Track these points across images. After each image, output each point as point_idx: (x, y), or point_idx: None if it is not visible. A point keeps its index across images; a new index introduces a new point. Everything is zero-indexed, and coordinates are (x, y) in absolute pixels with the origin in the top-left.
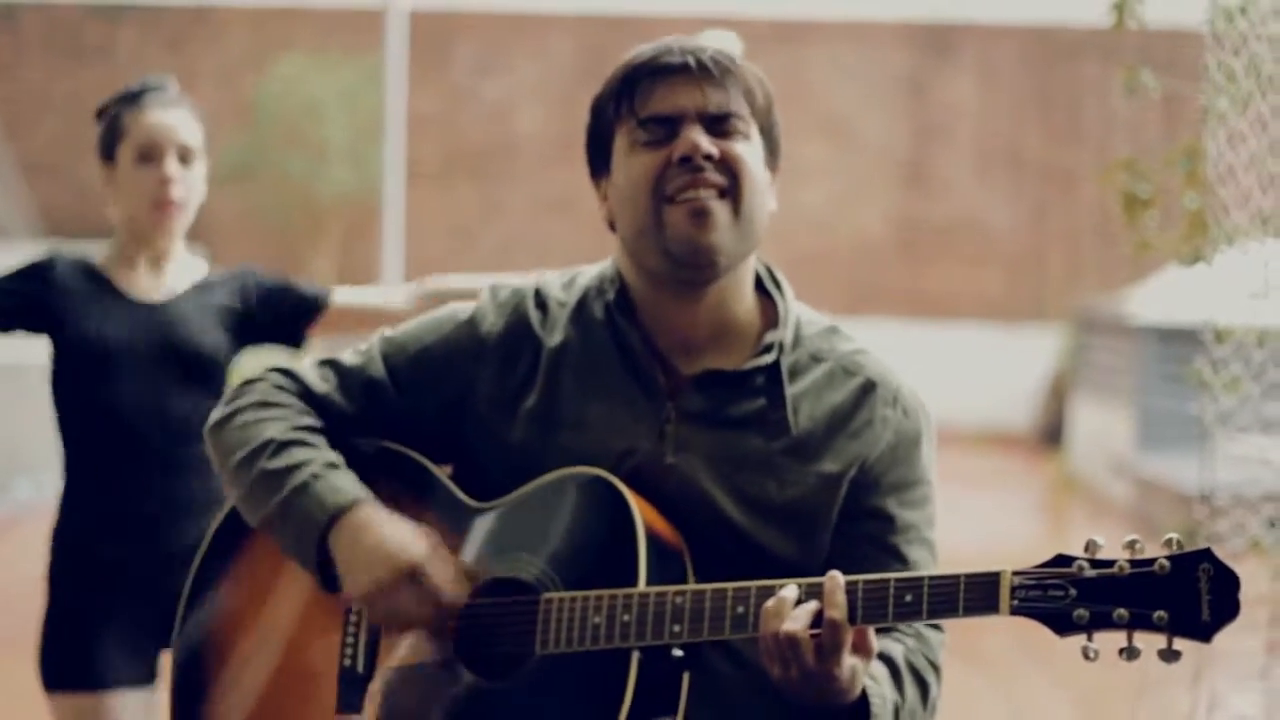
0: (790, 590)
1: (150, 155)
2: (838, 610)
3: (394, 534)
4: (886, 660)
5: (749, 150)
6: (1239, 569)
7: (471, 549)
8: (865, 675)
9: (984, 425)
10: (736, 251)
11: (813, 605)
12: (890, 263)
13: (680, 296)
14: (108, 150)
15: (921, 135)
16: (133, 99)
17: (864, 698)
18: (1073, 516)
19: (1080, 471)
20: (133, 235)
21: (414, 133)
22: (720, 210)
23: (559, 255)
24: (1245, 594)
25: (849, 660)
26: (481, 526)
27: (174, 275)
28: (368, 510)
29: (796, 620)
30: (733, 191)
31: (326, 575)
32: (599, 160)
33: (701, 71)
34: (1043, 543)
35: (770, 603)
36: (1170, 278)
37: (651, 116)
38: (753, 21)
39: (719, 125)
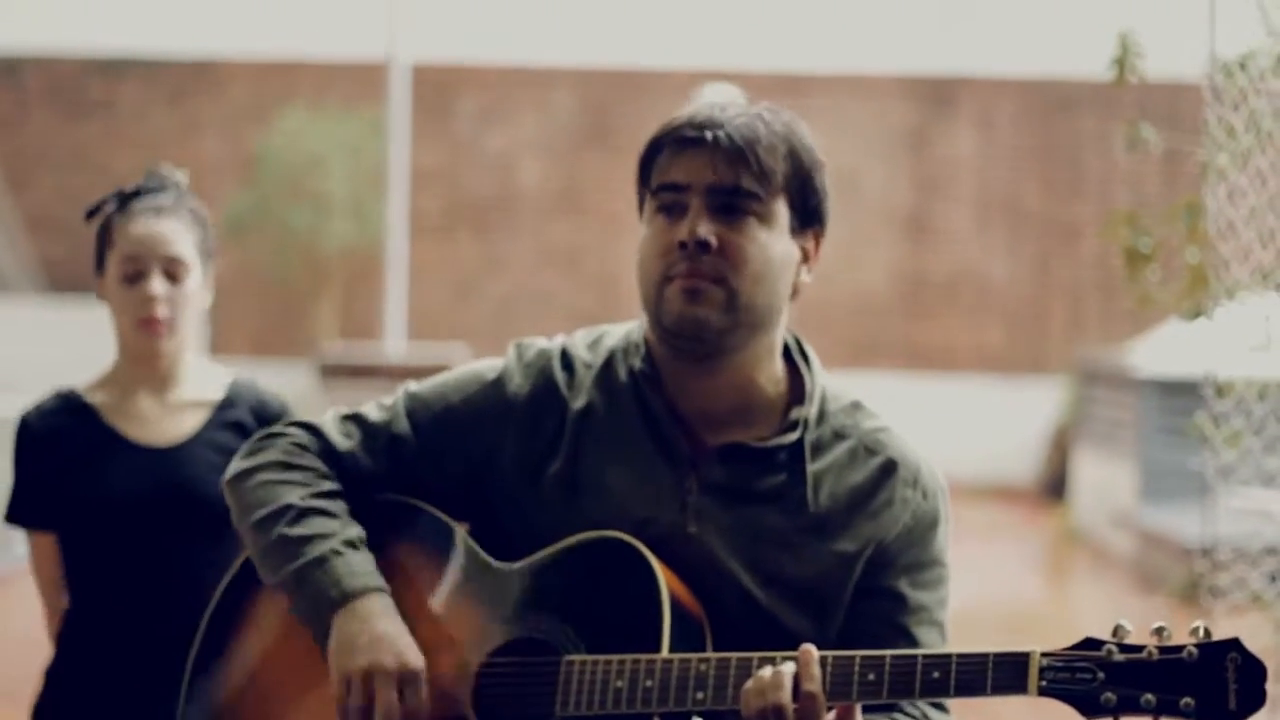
0: (785, 666)
1: (134, 272)
2: (812, 683)
3: (400, 633)
4: None
5: (760, 233)
6: (1240, 623)
7: (492, 608)
8: None
9: (986, 478)
10: (732, 332)
11: (790, 676)
12: (891, 315)
13: (697, 367)
14: (98, 259)
15: (922, 188)
16: (123, 202)
17: None
18: (1075, 569)
19: (1082, 524)
20: (125, 357)
21: (416, 186)
22: (714, 293)
23: (561, 308)
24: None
25: None
26: (503, 585)
27: (183, 401)
28: (383, 602)
29: (783, 690)
30: (728, 280)
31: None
32: (641, 210)
33: (715, 146)
34: (1046, 596)
35: (752, 681)
36: (1172, 331)
37: (662, 184)
38: (754, 75)
39: (727, 202)
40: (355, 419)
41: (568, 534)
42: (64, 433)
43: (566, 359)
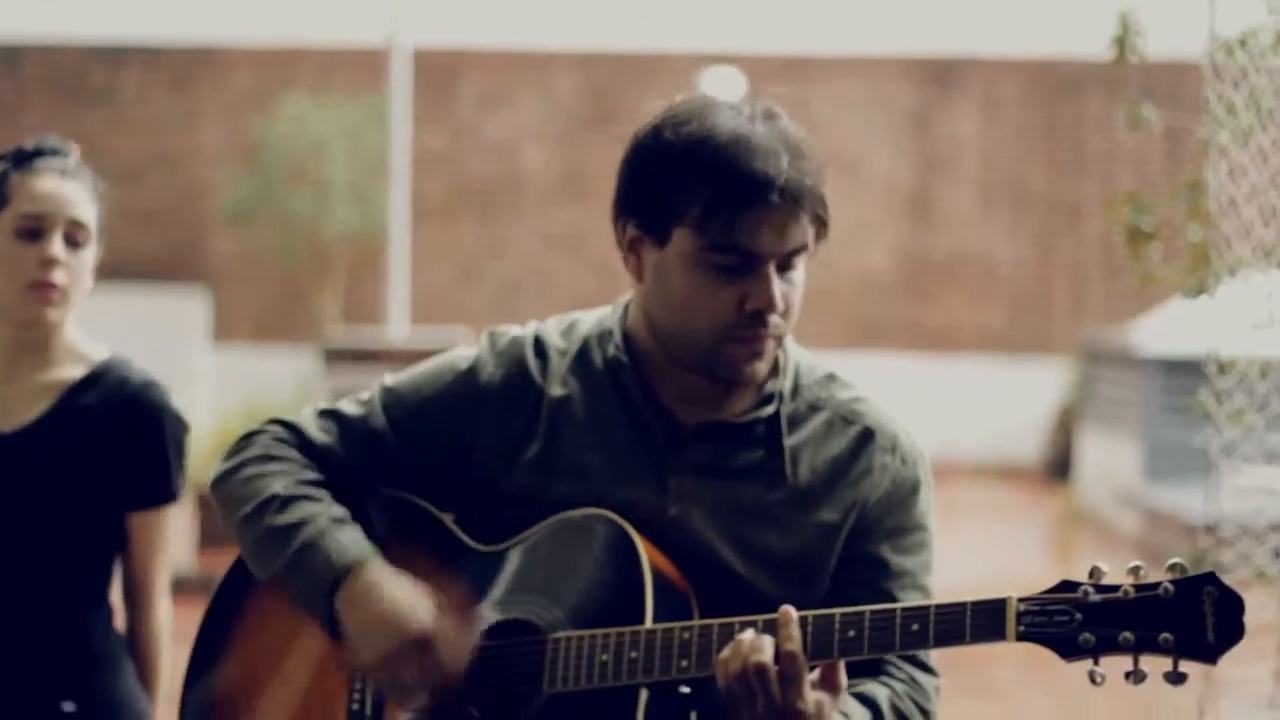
0: (749, 632)
1: (34, 229)
2: (792, 642)
3: (400, 599)
4: (869, 703)
5: (803, 271)
6: (1246, 599)
7: (478, 592)
8: (835, 712)
9: (990, 458)
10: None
11: (771, 638)
12: (895, 297)
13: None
14: None
15: (925, 169)
16: (24, 159)
17: None
18: (1081, 548)
19: (1087, 503)
20: (4, 322)
21: (418, 170)
22: (771, 348)
23: (564, 292)
24: (1251, 623)
25: (813, 695)
26: (487, 569)
27: (33, 382)
28: (374, 570)
29: (763, 652)
30: (784, 334)
31: (336, 630)
32: (647, 216)
33: (786, 204)
34: (1051, 575)
35: (726, 649)
36: (1174, 310)
37: (739, 248)
38: (757, 57)
39: (790, 260)
40: (332, 415)
41: (546, 519)
42: None
43: (540, 346)
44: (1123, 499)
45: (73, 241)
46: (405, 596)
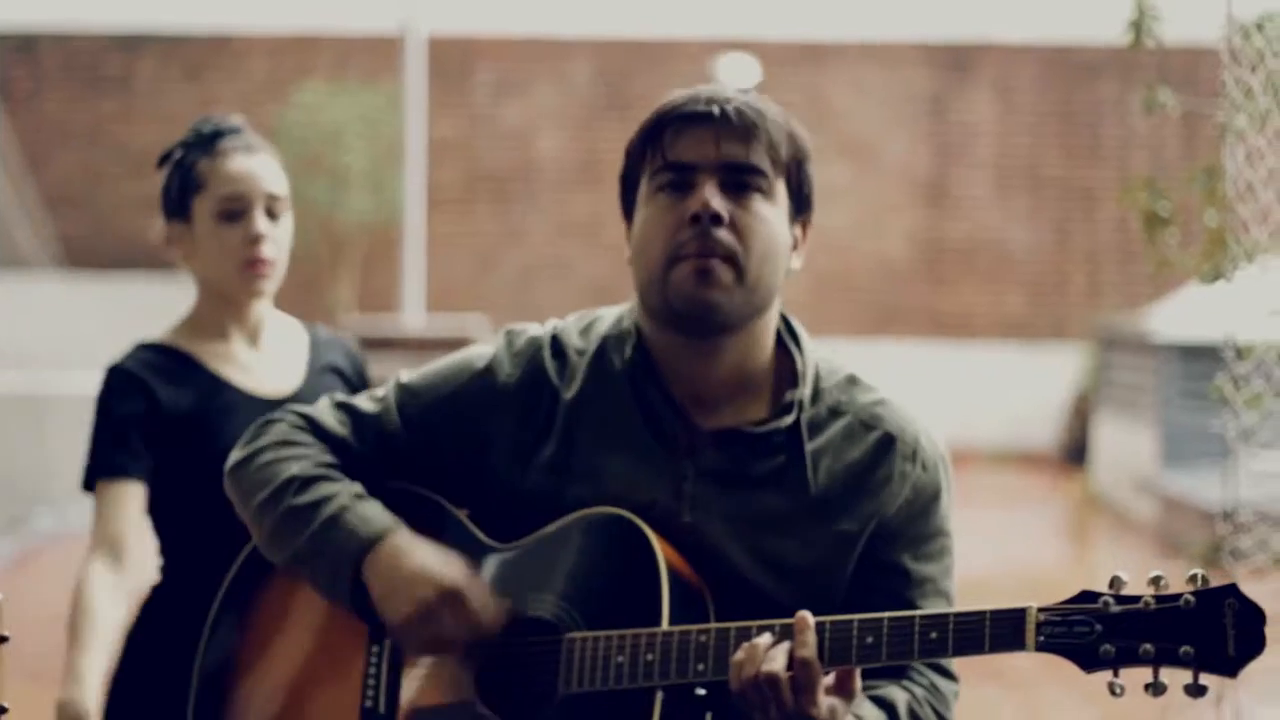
0: (765, 637)
1: (235, 210)
2: (807, 649)
3: (430, 559)
4: (886, 706)
5: (766, 210)
6: (1263, 585)
7: (494, 588)
8: (849, 716)
9: (1006, 444)
10: (740, 311)
11: (786, 645)
12: (911, 283)
13: (693, 347)
14: (179, 205)
15: (942, 155)
16: (206, 144)
17: None
18: (1097, 535)
19: (1104, 490)
20: (219, 304)
21: (434, 158)
22: (724, 272)
23: (580, 280)
24: (1270, 611)
25: (826, 700)
26: (502, 566)
27: (277, 350)
28: (401, 538)
29: (774, 661)
30: (738, 258)
31: (360, 606)
32: (628, 203)
33: (724, 122)
34: (1068, 562)
35: (740, 653)
36: (1191, 295)
37: (670, 163)
38: (772, 44)
39: (736, 179)
40: (347, 409)
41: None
42: (167, 380)
43: (557, 346)
44: (1139, 485)
45: (271, 214)
46: (433, 556)
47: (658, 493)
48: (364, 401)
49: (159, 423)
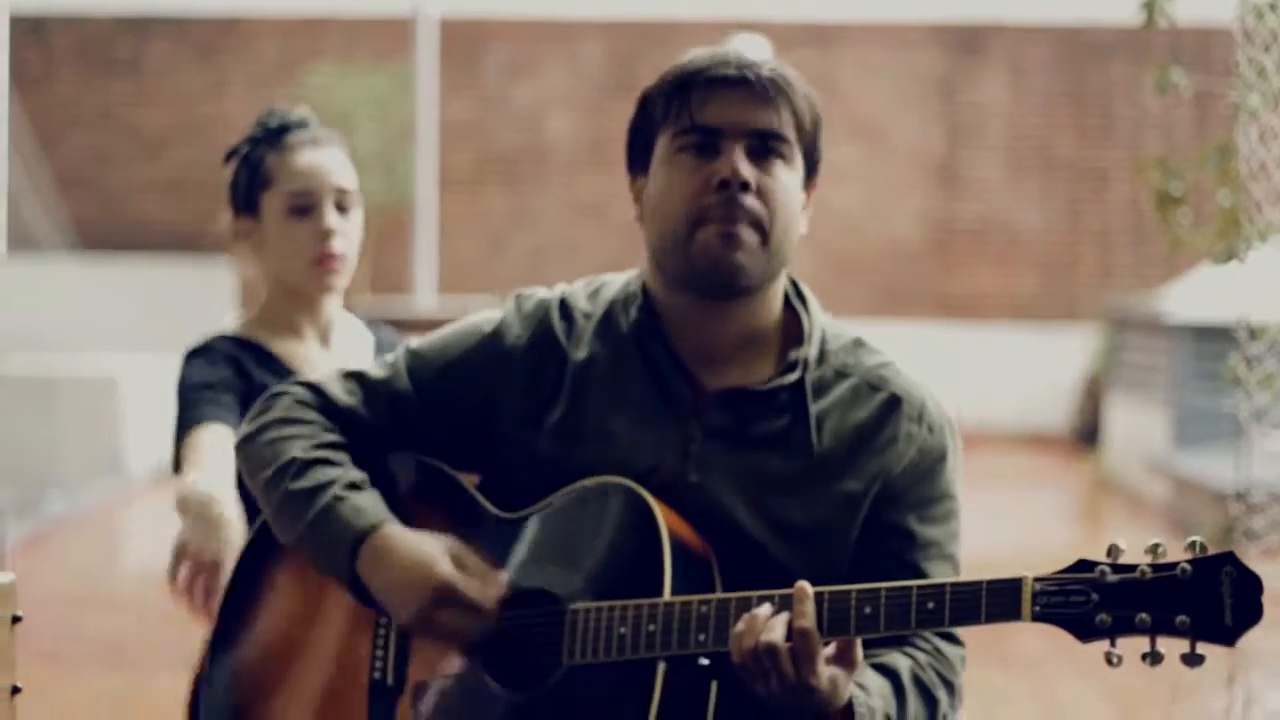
0: (764, 608)
1: (304, 205)
2: (805, 619)
3: (417, 555)
4: (889, 674)
5: (787, 176)
6: (1275, 565)
7: (497, 559)
8: (851, 685)
9: (1018, 426)
10: (761, 274)
11: (785, 616)
12: (922, 264)
13: (706, 309)
14: (247, 200)
15: (953, 136)
16: (273, 138)
17: (851, 707)
18: (1109, 516)
19: (1116, 471)
20: (290, 300)
21: (445, 140)
22: (749, 236)
23: (591, 260)
24: (1275, 593)
25: (827, 670)
26: (507, 537)
27: (346, 351)
28: (389, 533)
29: (773, 631)
30: (764, 223)
31: (362, 594)
32: (639, 157)
33: (754, 88)
34: (1079, 543)
35: (740, 624)
36: (1204, 275)
37: (698, 125)
38: (783, 25)
39: (762, 145)
40: (357, 377)
41: (571, 483)
42: (248, 368)
43: (565, 309)
44: (1152, 466)
45: (341, 208)
46: (421, 552)
47: (665, 454)
48: (374, 368)
49: (252, 396)
